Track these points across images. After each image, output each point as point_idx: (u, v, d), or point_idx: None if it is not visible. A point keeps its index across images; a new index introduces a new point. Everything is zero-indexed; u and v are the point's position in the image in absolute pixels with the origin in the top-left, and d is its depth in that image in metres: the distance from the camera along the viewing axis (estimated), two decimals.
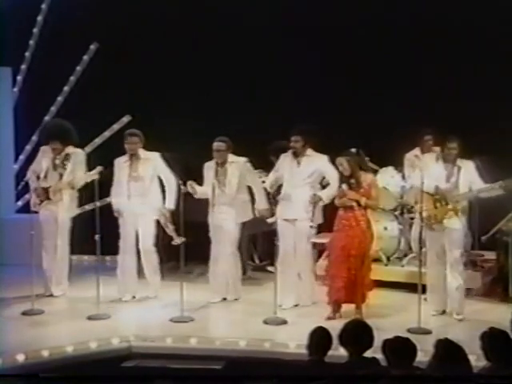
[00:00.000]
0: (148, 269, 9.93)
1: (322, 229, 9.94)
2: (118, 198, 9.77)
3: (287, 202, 9.45)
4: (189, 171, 10.06)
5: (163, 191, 9.81)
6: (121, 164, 9.83)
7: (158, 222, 9.81)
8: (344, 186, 9.01)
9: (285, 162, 9.58)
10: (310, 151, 9.48)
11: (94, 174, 9.44)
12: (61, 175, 9.85)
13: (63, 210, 9.88)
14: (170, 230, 9.63)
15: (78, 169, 9.86)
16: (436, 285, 9.08)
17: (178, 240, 9.48)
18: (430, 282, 9.11)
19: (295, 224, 9.46)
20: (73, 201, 9.95)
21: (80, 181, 9.80)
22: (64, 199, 9.86)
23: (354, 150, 9.44)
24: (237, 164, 9.67)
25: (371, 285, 9.16)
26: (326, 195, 9.32)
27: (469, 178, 8.95)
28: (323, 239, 9.86)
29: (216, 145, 9.62)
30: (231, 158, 9.67)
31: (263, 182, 10.30)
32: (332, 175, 9.32)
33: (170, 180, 9.74)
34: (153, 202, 9.74)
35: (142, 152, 9.80)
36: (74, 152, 9.93)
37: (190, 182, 9.47)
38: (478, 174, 8.98)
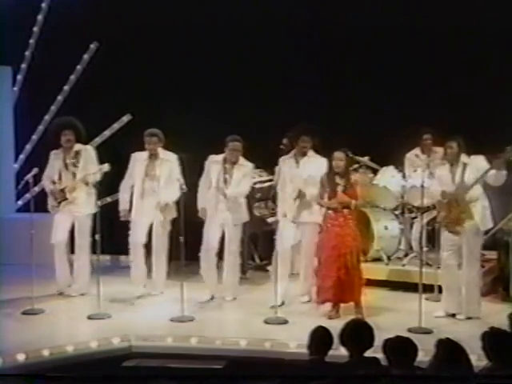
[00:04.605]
0: (157, 266, 9.94)
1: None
2: (127, 196, 9.80)
3: (288, 202, 9.47)
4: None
5: None
6: (139, 160, 9.82)
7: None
8: (339, 188, 8.99)
9: (285, 163, 9.59)
10: (310, 152, 9.49)
11: (106, 167, 9.52)
12: (74, 174, 9.85)
13: (82, 208, 9.81)
14: None
15: (89, 164, 9.85)
16: (451, 287, 8.97)
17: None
18: (445, 283, 9.02)
19: (296, 224, 9.49)
20: (90, 197, 9.81)
21: (93, 175, 9.75)
22: (80, 197, 9.82)
23: (347, 151, 9.30)
24: (245, 167, 9.61)
25: (363, 281, 9.10)
26: (310, 193, 9.28)
27: (477, 173, 8.76)
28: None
29: (233, 144, 9.53)
30: (240, 159, 9.62)
31: (263, 181, 10.31)
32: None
33: (178, 181, 9.57)
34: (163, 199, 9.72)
35: (161, 152, 9.82)
36: (83, 149, 9.94)
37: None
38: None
